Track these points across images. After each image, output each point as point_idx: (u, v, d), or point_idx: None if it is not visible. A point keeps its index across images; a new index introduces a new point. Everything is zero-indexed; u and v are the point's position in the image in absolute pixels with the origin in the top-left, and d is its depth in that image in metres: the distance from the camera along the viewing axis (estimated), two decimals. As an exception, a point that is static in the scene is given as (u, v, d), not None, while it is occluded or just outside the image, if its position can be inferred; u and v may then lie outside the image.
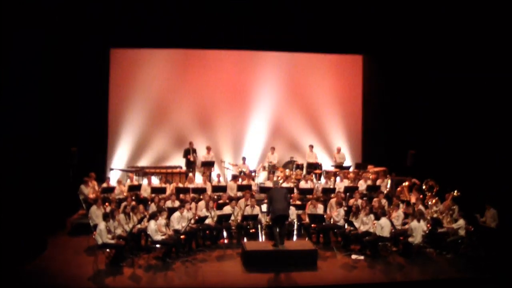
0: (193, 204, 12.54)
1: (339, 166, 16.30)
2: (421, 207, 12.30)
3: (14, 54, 10.34)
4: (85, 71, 15.08)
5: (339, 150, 16.92)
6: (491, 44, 13.37)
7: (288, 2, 14.68)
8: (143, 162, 16.82)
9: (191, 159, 15.93)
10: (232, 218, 12.27)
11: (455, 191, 12.52)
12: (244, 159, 16.23)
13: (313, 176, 15.51)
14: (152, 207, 12.17)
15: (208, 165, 15.69)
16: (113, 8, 14.03)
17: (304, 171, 15.95)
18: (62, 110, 13.48)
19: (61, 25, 12.69)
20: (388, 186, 14.60)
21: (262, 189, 14.29)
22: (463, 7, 13.51)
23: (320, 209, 12.61)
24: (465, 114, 14.35)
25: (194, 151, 16.11)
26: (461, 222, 11.60)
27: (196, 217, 11.76)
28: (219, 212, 12.28)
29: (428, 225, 11.82)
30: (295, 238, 12.35)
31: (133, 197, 13.08)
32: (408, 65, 16.22)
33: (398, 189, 14.04)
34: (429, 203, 12.79)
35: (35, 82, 11.31)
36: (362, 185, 14.49)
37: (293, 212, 12.41)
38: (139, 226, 11.37)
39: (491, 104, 13.65)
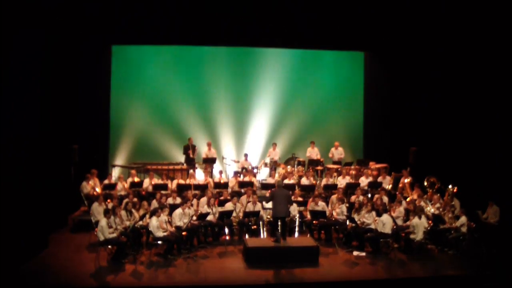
0: (195, 200, 12.56)
1: (338, 162, 16.26)
2: (422, 203, 12.29)
3: (14, 54, 10.30)
4: (86, 68, 15.03)
5: (337, 146, 16.66)
6: (491, 44, 13.30)
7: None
8: (145, 158, 16.83)
9: (191, 155, 15.93)
10: (234, 214, 12.29)
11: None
12: (246, 155, 16.23)
13: (315, 172, 15.51)
14: (154, 204, 12.19)
15: (209, 162, 15.70)
16: (113, 4, 14.00)
17: (306, 168, 15.95)
18: (63, 107, 13.45)
19: (61, 23, 12.65)
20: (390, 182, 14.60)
21: (264, 186, 14.31)
22: (465, 7, 13.44)
23: (321, 206, 12.61)
24: (467, 111, 14.29)
25: (194, 147, 16.10)
26: (463, 219, 11.59)
27: (198, 214, 11.78)
28: (220, 209, 12.29)
29: (430, 222, 11.81)
30: (296, 234, 12.37)
31: (135, 194, 13.10)
32: (410, 62, 16.14)
33: (400, 185, 14.03)
34: (431, 199, 12.79)
35: (35, 80, 11.27)
36: (363, 182, 14.49)
37: (294, 209, 12.42)
38: (140, 222, 11.40)
39: (492, 101, 13.58)
